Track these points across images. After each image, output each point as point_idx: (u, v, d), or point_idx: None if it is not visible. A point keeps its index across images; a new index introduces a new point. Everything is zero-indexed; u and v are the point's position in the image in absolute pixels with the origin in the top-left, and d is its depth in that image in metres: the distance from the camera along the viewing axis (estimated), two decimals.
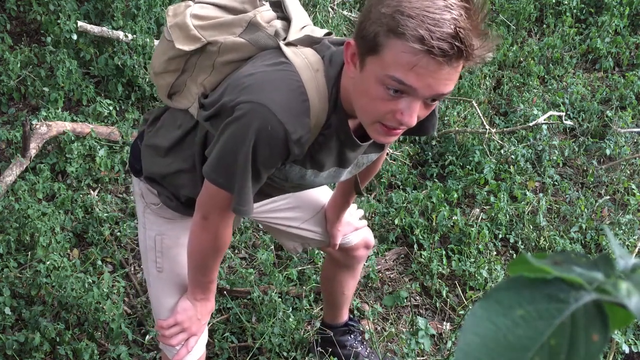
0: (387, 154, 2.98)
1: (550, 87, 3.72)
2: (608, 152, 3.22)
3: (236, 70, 1.28)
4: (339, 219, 1.72)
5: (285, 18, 1.32)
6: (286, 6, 1.33)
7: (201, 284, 1.47)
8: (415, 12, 0.97)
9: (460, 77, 3.59)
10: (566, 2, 4.22)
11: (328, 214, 1.73)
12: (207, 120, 1.27)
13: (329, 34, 1.31)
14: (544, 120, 3.15)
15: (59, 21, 3.11)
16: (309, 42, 1.25)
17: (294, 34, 1.27)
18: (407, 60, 0.99)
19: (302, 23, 1.32)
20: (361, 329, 2.28)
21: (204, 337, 1.60)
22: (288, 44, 1.24)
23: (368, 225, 1.80)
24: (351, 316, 2.16)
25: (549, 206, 2.91)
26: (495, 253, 2.67)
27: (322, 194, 1.75)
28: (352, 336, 2.11)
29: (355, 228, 1.79)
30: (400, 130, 1.12)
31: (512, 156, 3.09)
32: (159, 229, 1.51)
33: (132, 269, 2.45)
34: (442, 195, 2.80)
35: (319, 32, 1.31)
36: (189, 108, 1.37)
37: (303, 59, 1.19)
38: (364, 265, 2.51)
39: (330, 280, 1.98)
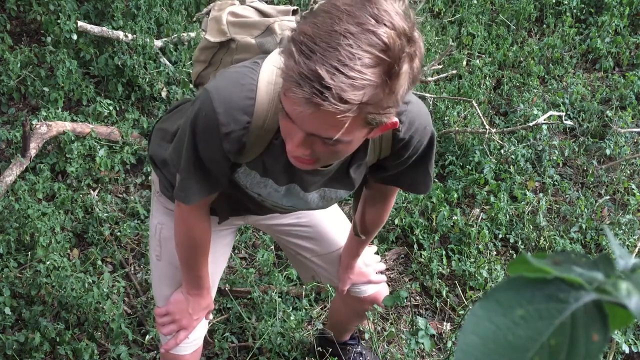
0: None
1: (550, 87, 3.72)
2: (608, 152, 3.22)
3: None
4: (350, 266, 1.67)
5: None
6: None
7: (191, 279, 1.48)
8: (299, 37, 0.91)
9: (460, 77, 3.60)
10: (566, 2, 4.22)
11: (342, 257, 1.69)
12: None
13: None
14: (544, 120, 3.15)
15: (59, 21, 3.11)
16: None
17: None
18: (284, 84, 0.95)
19: None
20: (361, 328, 2.28)
21: (200, 332, 1.60)
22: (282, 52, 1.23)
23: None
24: (352, 334, 2.14)
25: (549, 206, 2.91)
26: (495, 253, 2.67)
27: (342, 236, 1.69)
28: (348, 349, 2.10)
29: (368, 280, 1.73)
30: (305, 160, 1.06)
31: (512, 156, 3.09)
32: (160, 218, 1.53)
33: (132, 269, 2.45)
34: (442, 195, 2.80)
35: None
36: None
37: (279, 64, 1.14)
38: None
39: (337, 312, 1.99)
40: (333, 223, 1.71)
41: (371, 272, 1.73)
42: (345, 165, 1.24)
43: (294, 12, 1.36)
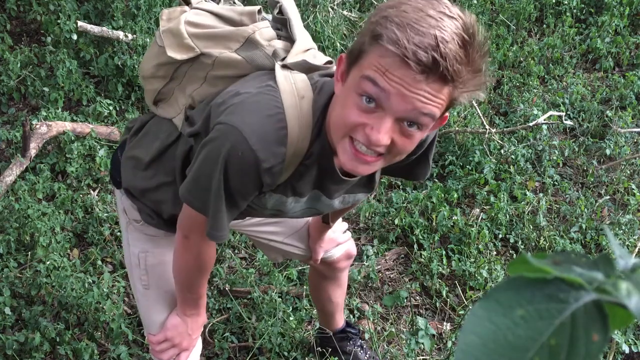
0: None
1: (550, 87, 3.72)
2: (608, 152, 3.22)
3: (227, 86, 1.23)
4: (320, 237, 1.70)
5: (289, 38, 1.26)
6: (292, 26, 1.26)
7: (190, 301, 1.45)
8: (400, 19, 0.93)
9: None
10: (566, 2, 4.22)
11: (310, 231, 1.71)
12: (191, 136, 1.24)
13: (329, 62, 1.25)
14: (544, 120, 3.15)
15: (59, 21, 3.11)
16: (305, 67, 1.19)
17: (292, 57, 1.20)
18: (381, 63, 0.94)
19: (305, 46, 1.26)
20: (361, 328, 2.28)
21: (197, 349, 1.59)
22: (284, 67, 1.18)
23: (368, 226, 1.78)
24: (349, 321, 2.15)
25: (549, 206, 2.91)
26: (495, 253, 2.67)
27: None
28: (350, 342, 2.10)
29: (337, 243, 1.76)
30: (372, 159, 1.04)
31: (512, 156, 3.09)
32: (142, 246, 1.47)
33: None
34: (442, 195, 2.80)
35: (320, 59, 1.25)
36: (173, 118, 1.33)
37: (291, 84, 1.13)
38: (364, 265, 2.51)
39: (317, 289, 1.98)
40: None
41: (338, 235, 1.75)
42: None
43: (259, 12, 1.30)
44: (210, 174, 1.12)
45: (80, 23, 3.11)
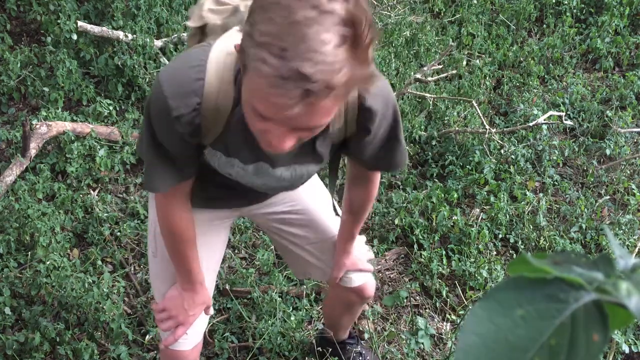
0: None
1: (550, 87, 3.72)
2: (608, 152, 3.22)
3: None
4: (345, 250, 1.67)
5: None
6: None
7: (182, 273, 1.47)
8: (265, 39, 0.87)
9: (460, 77, 3.59)
10: (566, 2, 4.22)
11: (337, 243, 1.69)
12: None
13: None
14: (544, 120, 3.15)
15: (59, 21, 3.11)
16: None
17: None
18: (257, 92, 0.91)
19: None
20: (360, 328, 2.28)
21: (200, 328, 1.60)
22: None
23: (368, 226, 1.77)
24: (351, 333, 2.14)
25: (549, 206, 2.91)
26: (495, 253, 2.67)
27: (336, 224, 1.68)
28: (347, 349, 2.10)
29: (359, 269, 1.72)
30: (282, 150, 1.03)
31: (512, 156, 3.09)
32: (155, 214, 1.50)
33: (132, 269, 2.45)
34: (442, 195, 2.80)
35: None
36: None
37: (225, 42, 1.15)
38: None
39: (329, 304, 1.98)
40: (327, 211, 1.70)
41: (363, 260, 1.74)
42: (311, 140, 1.20)
43: None
44: (144, 121, 1.20)
45: (80, 23, 3.11)
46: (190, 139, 1.18)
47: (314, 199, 1.66)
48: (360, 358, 2.10)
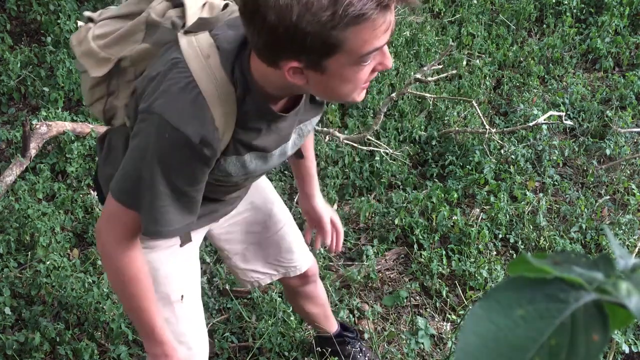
0: (387, 154, 2.98)
1: (550, 87, 3.72)
2: (608, 152, 3.22)
3: None
4: (309, 194, 1.64)
5: (181, 3, 1.21)
6: None
7: (147, 335, 1.28)
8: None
9: (460, 77, 3.60)
10: (566, 2, 4.22)
11: (301, 204, 1.69)
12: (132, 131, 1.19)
13: (226, 5, 1.21)
14: (544, 120, 3.15)
15: (59, 21, 3.11)
16: (204, 24, 1.13)
17: (190, 20, 1.16)
18: (371, 34, 0.96)
19: (198, 3, 1.20)
20: (360, 328, 2.28)
21: (204, 340, 1.56)
22: (187, 32, 1.13)
23: (368, 226, 1.76)
24: (346, 325, 2.14)
25: (549, 206, 2.91)
26: (495, 253, 2.67)
27: (284, 211, 1.71)
28: (349, 346, 2.10)
29: (324, 222, 1.69)
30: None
31: (512, 156, 3.09)
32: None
33: None
34: (442, 195, 2.80)
35: (217, 6, 1.21)
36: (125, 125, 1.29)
37: (195, 48, 1.09)
38: (364, 265, 2.51)
39: (296, 307, 1.99)
40: (277, 199, 1.71)
41: (326, 216, 1.70)
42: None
43: None
44: (140, 165, 1.09)
45: (80, 23, 3.11)
46: (213, 159, 1.11)
47: (264, 190, 1.67)
48: (360, 354, 2.10)
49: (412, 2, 0.98)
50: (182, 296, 1.45)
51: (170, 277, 1.43)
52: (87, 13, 1.34)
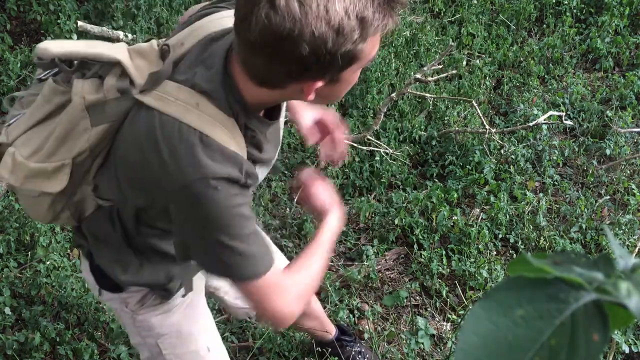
0: (387, 154, 2.98)
1: (550, 87, 3.72)
2: (608, 152, 3.22)
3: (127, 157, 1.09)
4: (297, 112, 1.50)
5: (103, 66, 1.10)
6: (94, 55, 1.11)
7: (331, 239, 1.28)
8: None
9: (460, 77, 3.60)
10: (566, 2, 4.22)
11: (295, 117, 1.53)
12: (138, 209, 1.14)
13: (165, 46, 1.10)
14: (544, 120, 3.15)
15: (59, 21, 3.11)
16: (159, 79, 1.05)
17: (137, 75, 1.07)
18: (379, 39, 1.00)
19: (125, 54, 1.10)
20: (360, 329, 2.28)
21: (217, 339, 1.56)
22: (143, 92, 1.05)
23: (368, 226, 1.72)
24: (343, 328, 2.14)
25: (549, 206, 2.92)
26: (495, 253, 2.67)
27: None
28: (347, 349, 2.10)
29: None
30: None
31: (512, 156, 3.09)
32: (159, 332, 1.39)
33: None
34: (442, 195, 2.80)
35: (148, 51, 1.11)
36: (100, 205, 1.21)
37: (176, 104, 1.02)
38: (364, 265, 2.51)
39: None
40: None
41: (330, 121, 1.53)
42: None
43: (55, 75, 1.13)
44: (224, 227, 1.03)
45: (80, 23, 3.11)
46: (253, 181, 1.08)
47: None
48: (360, 356, 2.10)
49: (404, 3, 0.98)
50: (208, 347, 1.46)
51: (194, 333, 1.43)
52: None
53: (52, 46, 1.11)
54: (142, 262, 1.27)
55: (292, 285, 1.16)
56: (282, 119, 1.27)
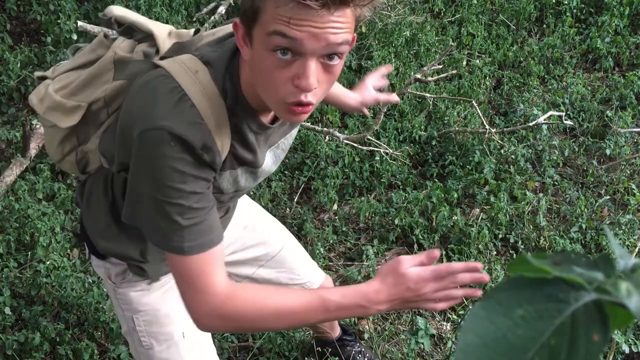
0: (387, 154, 2.98)
1: (550, 87, 3.72)
2: (608, 152, 3.22)
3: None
4: (346, 98, 1.63)
5: (147, 36, 1.22)
6: (140, 24, 1.22)
7: (341, 310, 1.14)
8: None
9: (460, 77, 3.59)
10: (566, 2, 4.22)
11: (345, 106, 1.65)
12: (121, 170, 1.16)
13: (197, 31, 1.22)
14: (544, 120, 3.15)
15: (59, 21, 3.11)
16: (180, 48, 1.14)
17: (163, 46, 1.17)
18: (280, 13, 0.91)
19: (164, 31, 1.22)
20: (360, 328, 2.28)
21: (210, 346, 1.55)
22: (163, 58, 1.14)
23: (368, 226, 1.75)
24: (345, 327, 2.14)
25: (549, 206, 2.91)
26: (495, 253, 2.67)
27: (282, 234, 1.73)
28: (347, 348, 2.10)
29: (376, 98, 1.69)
30: (309, 107, 1.00)
31: (512, 156, 3.09)
32: (136, 308, 1.40)
33: None
34: (442, 195, 2.80)
35: (186, 35, 1.23)
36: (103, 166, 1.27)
37: (179, 65, 1.08)
38: (364, 265, 2.51)
39: None
40: (271, 222, 1.73)
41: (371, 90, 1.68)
42: None
43: (105, 36, 1.27)
44: (164, 183, 1.03)
45: (80, 23, 3.11)
46: (216, 165, 1.08)
47: (257, 215, 1.69)
48: (360, 356, 2.10)
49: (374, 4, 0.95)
50: (184, 333, 1.44)
51: (171, 316, 1.42)
52: (38, 73, 1.32)
53: (115, 10, 1.26)
54: (120, 232, 1.30)
55: (230, 299, 1.06)
56: (287, 138, 1.29)
